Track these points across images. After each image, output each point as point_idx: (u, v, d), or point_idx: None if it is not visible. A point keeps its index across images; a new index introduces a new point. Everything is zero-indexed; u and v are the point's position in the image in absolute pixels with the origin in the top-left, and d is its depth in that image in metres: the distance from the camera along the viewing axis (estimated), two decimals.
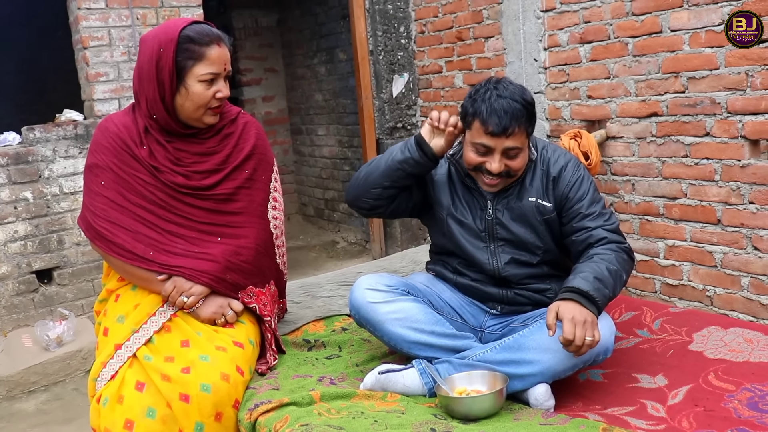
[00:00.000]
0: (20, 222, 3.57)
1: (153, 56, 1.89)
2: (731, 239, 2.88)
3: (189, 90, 1.90)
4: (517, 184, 1.96)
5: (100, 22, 3.70)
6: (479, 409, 1.71)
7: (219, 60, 1.92)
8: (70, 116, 3.79)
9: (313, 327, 2.32)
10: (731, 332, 1.99)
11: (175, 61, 1.88)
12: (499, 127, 1.80)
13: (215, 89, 1.93)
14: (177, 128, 1.98)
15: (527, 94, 1.87)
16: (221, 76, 1.94)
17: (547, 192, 1.95)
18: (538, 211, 1.94)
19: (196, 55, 1.89)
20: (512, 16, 3.74)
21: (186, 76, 1.90)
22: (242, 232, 2.03)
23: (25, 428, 2.92)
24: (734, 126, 2.79)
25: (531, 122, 1.87)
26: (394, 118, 4.64)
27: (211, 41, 1.91)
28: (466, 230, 2.00)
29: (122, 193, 1.95)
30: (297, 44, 6.04)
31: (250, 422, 1.75)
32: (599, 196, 1.98)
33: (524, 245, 1.96)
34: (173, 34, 1.88)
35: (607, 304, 1.78)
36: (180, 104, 1.93)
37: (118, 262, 1.95)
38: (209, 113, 1.96)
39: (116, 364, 1.85)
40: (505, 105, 1.80)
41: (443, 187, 2.03)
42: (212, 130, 2.03)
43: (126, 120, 2.00)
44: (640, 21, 3.08)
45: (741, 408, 1.61)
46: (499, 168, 1.86)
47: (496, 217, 1.96)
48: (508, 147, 1.84)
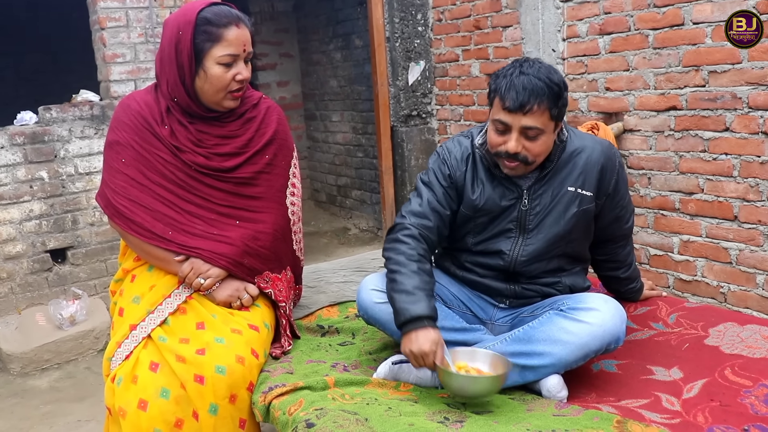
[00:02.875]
0: (36, 201, 3.59)
1: (173, 39, 1.89)
2: (748, 236, 2.85)
3: (208, 72, 1.89)
4: (553, 172, 1.89)
5: (118, 2, 3.70)
6: (474, 389, 1.69)
7: (237, 41, 1.89)
8: (86, 97, 3.80)
9: (327, 312, 2.32)
10: (748, 329, 1.97)
11: (194, 43, 1.87)
12: (516, 103, 1.72)
13: (234, 71, 1.91)
14: (199, 111, 1.97)
15: (555, 75, 1.76)
16: (240, 57, 1.91)
17: (588, 181, 1.89)
18: (576, 200, 1.89)
19: (214, 36, 1.87)
20: (531, 5, 3.71)
21: (204, 58, 1.88)
22: (260, 216, 2.02)
23: (39, 404, 2.95)
24: (755, 122, 2.76)
25: (556, 104, 1.75)
26: (409, 105, 4.62)
27: (230, 22, 1.89)
28: (496, 222, 1.93)
29: (142, 171, 1.95)
30: (313, 30, 6.01)
31: (264, 405, 1.76)
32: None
33: (553, 236, 1.90)
34: (191, 16, 1.87)
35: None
36: (200, 87, 1.92)
37: (136, 240, 1.95)
38: (229, 97, 1.95)
39: (131, 344, 1.86)
40: (525, 81, 1.73)
41: (468, 186, 1.94)
42: (234, 113, 2.02)
43: (148, 98, 2.00)
44: (661, 13, 3.04)
45: (758, 404, 1.60)
46: (516, 148, 1.77)
47: (531, 207, 1.90)
48: (525, 126, 1.74)
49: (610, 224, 2.00)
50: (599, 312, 1.73)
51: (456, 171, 1.94)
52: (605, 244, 2.06)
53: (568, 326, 1.73)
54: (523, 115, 1.74)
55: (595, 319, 1.72)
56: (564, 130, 1.90)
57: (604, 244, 2.06)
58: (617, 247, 2.07)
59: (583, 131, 2.12)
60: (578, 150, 1.91)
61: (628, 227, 2.07)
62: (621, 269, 2.13)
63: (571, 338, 1.72)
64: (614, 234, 2.04)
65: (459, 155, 1.96)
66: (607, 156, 1.92)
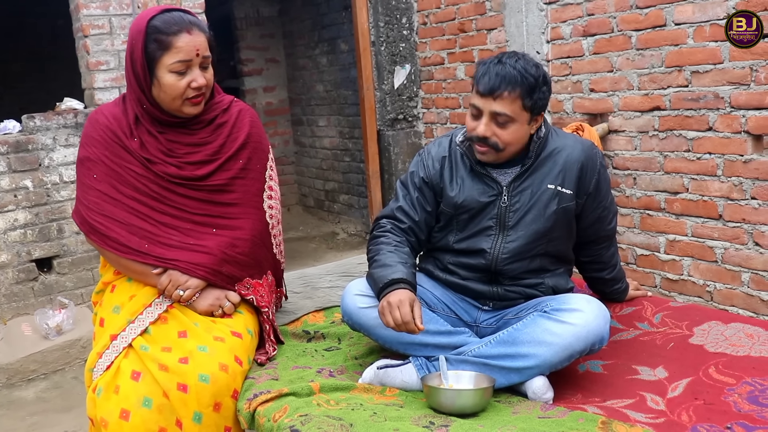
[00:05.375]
0: (20, 210, 3.56)
1: (128, 49, 1.89)
2: (732, 235, 2.87)
3: (161, 81, 1.86)
4: (533, 170, 1.91)
5: (101, 10, 3.68)
6: (462, 404, 1.69)
7: (188, 48, 1.85)
8: (70, 105, 3.78)
9: (313, 318, 2.32)
10: (732, 327, 1.98)
11: (145, 52, 1.85)
12: (487, 87, 1.79)
13: (189, 79, 1.87)
14: (165, 118, 1.95)
15: (533, 69, 1.80)
16: (194, 64, 1.88)
17: (568, 179, 1.91)
18: (556, 198, 1.90)
19: (164, 45, 1.84)
20: (515, 8, 3.72)
21: (156, 67, 1.86)
22: (237, 223, 2.01)
23: (25, 416, 2.93)
24: (737, 121, 2.77)
25: (530, 95, 1.79)
26: (396, 109, 4.62)
27: (180, 30, 1.85)
28: (476, 219, 1.95)
29: (115, 186, 1.94)
30: (298, 35, 6.01)
31: (249, 412, 1.75)
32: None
33: (533, 233, 1.91)
34: (141, 26, 1.85)
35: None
36: (156, 95, 1.90)
37: (113, 255, 1.94)
38: (187, 104, 1.91)
39: (112, 354, 1.84)
40: (500, 69, 1.80)
41: (446, 184, 1.97)
42: (204, 120, 2.00)
43: (116, 111, 1.99)
44: (644, 14, 3.06)
45: (741, 402, 1.60)
46: (485, 132, 1.82)
47: (511, 204, 1.92)
48: (495, 111, 1.80)
49: (592, 225, 2.01)
50: (582, 313, 1.73)
51: (431, 171, 2.00)
52: (589, 245, 2.06)
53: (552, 327, 1.73)
54: (493, 100, 1.80)
55: (578, 320, 1.72)
56: (543, 128, 1.92)
57: (587, 245, 2.06)
58: (601, 248, 2.08)
59: (567, 132, 2.13)
60: (558, 148, 1.93)
61: (611, 228, 2.07)
62: (605, 270, 2.13)
63: (555, 339, 1.72)
64: (597, 235, 2.05)
65: (436, 155, 2.01)
66: (587, 155, 1.93)
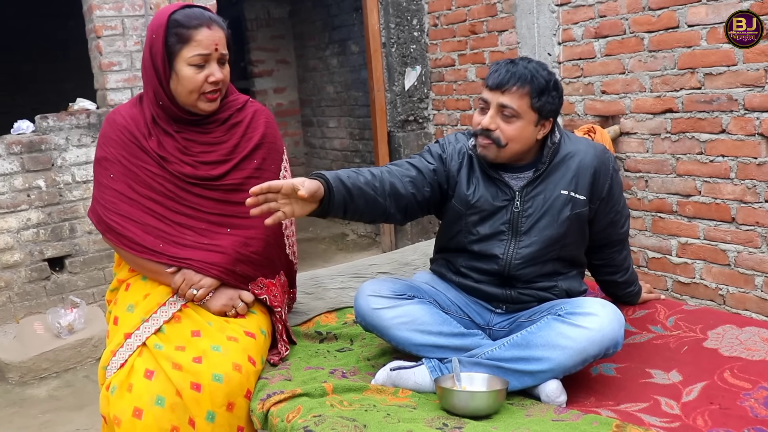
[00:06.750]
0: (33, 210, 3.58)
1: (148, 43, 1.92)
2: (745, 238, 2.85)
3: (179, 74, 1.90)
4: (546, 175, 1.91)
5: (114, 11, 3.70)
6: (476, 406, 1.69)
7: (208, 42, 1.89)
8: (83, 105, 3.80)
9: (325, 318, 2.32)
10: (747, 331, 1.97)
11: (166, 45, 1.89)
12: (496, 81, 1.83)
13: (207, 72, 1.90)
14: (182, 114, 1.97)
15: (544, 71, 1.84)
16: (212, 58, 1.91)
17: (581, 185, 1.91)
18: (569, 204, 1.90)
19: (184, 38, 1.88)
20: (526, 9, 3.71)
21: (176, 60, 1.90)
22: (251, 222, 2.01)
23: (37, 414, 2.94)
24: (751, 123, 2.76)
25: (539, 95, 1.82)
26: (406, 111, 4.62)
27: (200, 24, 1.89)
28: (488, 223, 1.95)
29: (131, 186, 1.95)
30: (309, 36, 6.03)
31: (262, 412, 1.75)
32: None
33: (547, 239, 1.91)
34: (162, 19, 1.89)
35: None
36: (174, 89, 1.93)
37: (128, 254, 1.96)
38: (203, 99, 1.94)
39: (126, 352, 1.85)
40: (511, 67, 1.84)
41: (463, 181, 1.97)
42: (219, 119, 2.02)
43: (133, 111, 2.01)
44: (656, 16, 3.05)
45: (758, 407, 1.59)
46: (489, 124, 1.85)
47: (524, 210, 1.92)
48: (502, 103, 1.82)
49: (605, 228, 2.00)
50: (597, 317, 1.72)
51: (450, 159, 1.99)
52: (601, 248, 2.06)
53: (567, 331, 1.72)
54: (501, 93, 1.83)
55: (593, 324, 1.71)
56: (556, 133, 1.92)
57: (600, 248, 2.06)
58: (613, 252, 2.07)
59: (578, 135, 2.13)
60: (571, 153, 1.92)
61: (624, 231, 2.06)
62: (618, 273, 2.12)
63: (569, 343, 1.71)
64: (610, 238, 2.04)
65: (457, 147, 2.01)
66: (600, 160, 1.93)
